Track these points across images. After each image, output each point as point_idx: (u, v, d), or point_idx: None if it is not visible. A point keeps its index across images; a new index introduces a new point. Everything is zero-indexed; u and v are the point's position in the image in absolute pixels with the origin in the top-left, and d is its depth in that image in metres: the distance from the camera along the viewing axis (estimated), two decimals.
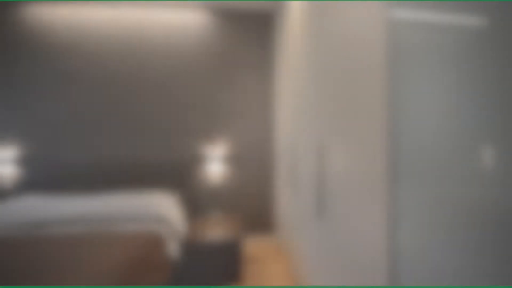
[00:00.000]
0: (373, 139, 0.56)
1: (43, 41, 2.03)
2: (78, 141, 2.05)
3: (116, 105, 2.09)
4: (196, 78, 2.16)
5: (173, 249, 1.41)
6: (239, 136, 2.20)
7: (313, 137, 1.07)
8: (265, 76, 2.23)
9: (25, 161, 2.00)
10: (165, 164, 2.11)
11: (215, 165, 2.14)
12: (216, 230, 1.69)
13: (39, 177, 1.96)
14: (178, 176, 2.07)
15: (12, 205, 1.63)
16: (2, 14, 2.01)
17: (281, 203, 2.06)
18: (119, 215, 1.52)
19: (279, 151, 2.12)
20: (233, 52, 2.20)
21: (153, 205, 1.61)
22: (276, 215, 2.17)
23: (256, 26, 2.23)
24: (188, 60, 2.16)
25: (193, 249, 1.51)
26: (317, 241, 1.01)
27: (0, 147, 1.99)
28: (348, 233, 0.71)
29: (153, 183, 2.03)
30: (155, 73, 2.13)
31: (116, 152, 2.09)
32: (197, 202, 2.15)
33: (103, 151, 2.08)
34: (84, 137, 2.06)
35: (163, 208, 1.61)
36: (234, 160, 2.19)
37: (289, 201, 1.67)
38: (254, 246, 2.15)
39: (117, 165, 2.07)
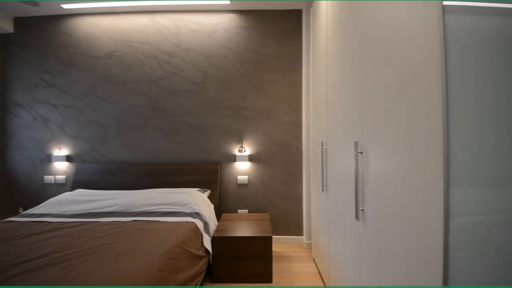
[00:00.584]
0: (426, 140, 0.55)
1: (91, 50, 2.31)
2: (123, 141, 2.29)
3: (155, 108, 2.28)
4: (227, 79, 2.26)
5: (206, 242, 1.50)
6: (267, 135, 2.24)
7: (349, 137, 1.06)
8: (296, 75, 2.25)
9: (80, 158, 2.30)
10: (197, 163, 2.25)
11: (244, 165, 2.23)
12: (246, 228, 1.75)
13: (90, 172, 2.22)
14: (209, 175, 2.18)
15: (70, 197, 1.88)
16: (55, 26, 2.33)
17: (311, 204, 2.05)
18: (160, 209, 1.68)
19: (309, 151, 2.12)
20: (263, 52, 2.25)
21: (189, 201, 1.74)
22: (306, 216, 2.16)
23: (287, 23, 2.24)
24: (220, 63, 2.27)
25: (225, 243, 1.57)
26: (355, 243, 1.00)
27: (58, 147, 2.31)
28: (394, 235, 0.70)
29: (186, 180, 2.16)
30: (190, 77, 2.28)
31: (155, 151, 2.28)
32: (226, 199, 2.25)
33: (144, 150, 2.28)
34: (127, 138, 2.29)
35: (197, 204, 1.73)
36: (263, 160, 2.24)
37: (320, 202, 1.66)
38: (282, 246, 2.17)
39: (155, 163, 2.26)
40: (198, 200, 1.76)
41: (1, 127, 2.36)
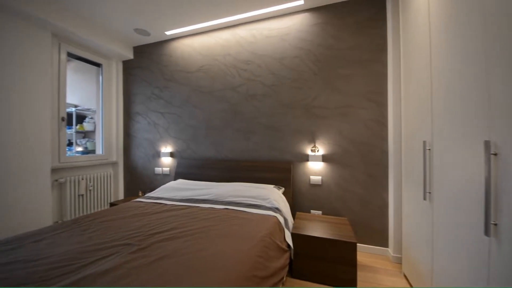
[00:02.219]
0: None
1: (187, 67, 2.78)
2: (210, 141, 2.67)
3: (235, 112, 2.54)
4: (299, 79, 2.27)
5: (288, 237, 1.55)
6: (343, 135, 2.11)
7: (473, 135, 0.87)
8: (379, 66, 2.02)
9: (179, 155, 2.82)
10: (270, 161, 2.36)
11: (317, 165, 2.18)
12: (325, 230, 1.71)
13: (186, 166, 2.68)
14: (282, 173, 2.24)
15: (175, 185, 2.33)
16: (160, 50, 2.92)
17: (403, 213, 1.80)
18: (244, 200, 1.86)
19: (400, 152, 1.86)
20: (339, 47, 2.14)
21: (268, 196, 1.84)
22: (394, 226, 1.91)
23: (368, 12, 2.05)
24: (292, 63, 2.30)
25: (305, 242, 1.59)
26: (481, 262, 0.82)
27: (164, 145, 2.90)
28: None
29: (262, 177, 2.29)
30: (264, 81, 2.42)
31: (235, 150, 2.54)
32: (298, 198, 2.26)
33: (226, 148, 2.58)
34: (213, 138, 2.64)
35: (276, 200, 1.82)
36: (338, 160, 2.13)
37: (419, 211, 1.44)
38: (362, 255, 1.99)
39: (235, 160, 2.52)
40: (276, 196, 1.85)
41: (126, 130, 3.18)
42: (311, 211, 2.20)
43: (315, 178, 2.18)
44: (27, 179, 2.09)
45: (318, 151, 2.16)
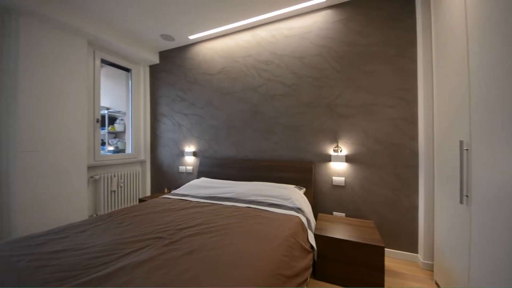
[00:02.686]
0: None
1: (209, 69, 2.87)
2: (230, 141, 2.72)
3: (255, 112, 2.57)
4: (321, 78, 2.23)
5: (311, 238, 1.54)
6: (368, 134, 2.03)
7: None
8: (407, 62, 1.92)
9: (202, 154, 2.92)
10: (291, 161, 2.34)
11: (340, 165, 2.12)
12: (349, 232, 1.67)
13: (208, 165, 2.77)
14: (303, 173, 2.21)
15: (198, 183, 2.42)
16: (184, 54, 3.03)
17: (435, 218, 1.70)
18: (266, 199, 1.87)
19: (431, 152, 1.75)
20: (363, 43, 2.07)
21: (290, 196, 1.84)
22: (424, 231, 1.80)
23: (394, 5, 1.95)
24: (313, 62, 2.27)
25: (329, 244, 1.56)
26: None
27: (188, 145, 3.01)
28: None
29: (282, 176, 2.29)
30: (284, 80, 2.41)
31: (254, 149, 2.57)
32: (320, 199, 2.22)
33: (246, 148, 2.62)
34: (234, 138, 2.70)
35: (298, 200, 1.81)
36: (363, 161, 2.05)
37: (455, 216, 1.34)
38: (389, 260, 1.91)
39: (255, 159, 2.54)
40: (298, 197, 1.84)
41: (153, 131, 3.36)
42: (334, 213, 2.15)
43: (338, 179, 2.13)
44: (67, 176, 2.30)
45: (341, 151, 2.10)
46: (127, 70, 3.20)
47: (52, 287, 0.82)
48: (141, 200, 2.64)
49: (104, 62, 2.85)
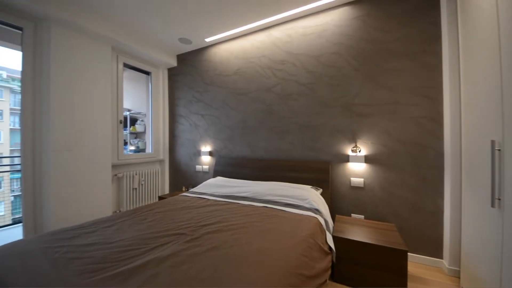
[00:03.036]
0: None
1: (224, 70, 2.92)
2: (245, 141, 2.75)
3: (270, 112, 2.57)
4: (338, 76, 2.18)
5: (329, 239, 1.51)
6: (389, 134, 1.96)
7: None
8: (431, 58, 1.82)
9: (217, 154, 2.98)
10: (307, 161, 2.32)
11: (358, 166, 2.07)
12: (369, 235, 1.62)
13: (224, 164, 2.82)
14: (319, 173, 2.18)
15: (214, 182, 2.47)
16: (200, 56, 3.10)
17: (463, 222, 1.61)
18: (282, 199, 1.87)
19: (459, 153, 1.66)
20: (383, 39, 2.00)
21: (307, 196, 1.83)
22: (451, 235, 1.71)
23: (415, 4, 1.87)
24: (330, 60, 2.23)
25: (348, 246, 1.53)
26: None
27: (204, 145, 3.09)
28: None
29: (297, 177, 2.27)
30: (299, 80, 2.39)
31: (269, 149, 2.58)
32: (337, 201, 2.17)
33: (261, 148, 2.64)
34: (249, 138, 2.72)
35: (315, 200, 1.79)
36: (383, 162, 1.99)
37: (485, 220, 1.26)
38: (412, 265, 1.83)
39: (270, 159, 2.55)
40: (315, 197, 1.82)
41: (171, 131, 3.48)
42: (352, 214, 2.10)
43: (357, 180, 2.07)
44: (94, 174, 2.45)
45: (359, 151, 2.05)
46: (147, 73, 3.35)
47: (89, 278, 0.88)
48: (160, 198, 2.75)
49: (126, 66, 3.00)
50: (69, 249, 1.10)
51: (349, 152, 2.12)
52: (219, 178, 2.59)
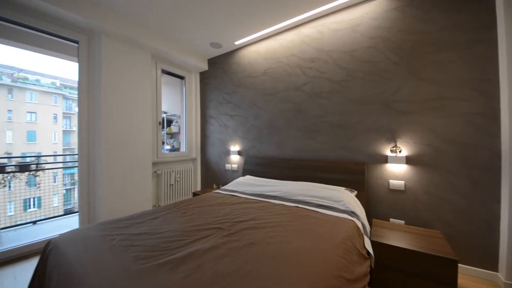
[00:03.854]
0: None
1: (253, 72, 2.96)
2: (273, 140, 2.77)
3: (299, 111, 2.55)
4: (375, 72, 2.07)
5: (367, 244, 1.45)
6: (435, 132, 1.80)
7: None
8: (483, 48, 1.63)
9: (246, 153, 3.04)
10: (339, 161, 2.24)
11: (398, 167, 1.93)
12: (411, 241, 1.52)
13: (252, 164, 2.87)
14: (353, 174, 2.09)
15: (244, 180, 2.53)
16: (230, 59, 3.18)
17: None
18: (314, 200, 1.84)
19: None
20: (425, 29, 1.84)
21: (342, 198, 1.77)
22: (508, 246, 1.51)
23: None
24: (365, 55, 2.12)
25: (388, 252, 1.45)
26: None
27: (233, 144, 3.17)
28: None
29: (328, 177, 2.21)
30: (331, 77, 2.32)
31: (298, 149, 2.55)
32: (374, 204, 2.06)
33: (289, 148, 2.63)
34: (276, 138, 2.73)
35: (350, 203, 1.73)
36: (428, 163, 1.83)
37: None
38: (462, 276, 1.66)
39: (298, 159, 2.52)
40: (350, 199, 1.76)
41: (203, 132, 3.65)
42: (391, 219, 1.97)
43: (397, 183, 1.94)
44: (137, 170, 2.70)
45: (400, 151, 1.91)
46: (181, 77, 3.56)
47: (143, 265, 0.98)
48: (194, 194, 2.91)
49: (163, 71, 3.23)
50: (123, 237, 1.24)
51: (387, 152, 2.00)
52: (248, 176, 2.65)
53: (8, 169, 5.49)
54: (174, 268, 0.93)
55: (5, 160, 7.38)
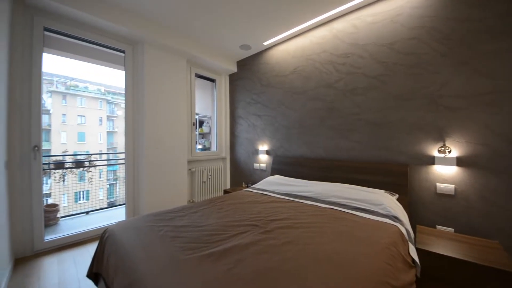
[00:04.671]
0: None
1: (281, 71, 2.95)
2: (302, 140, 2.72)
3: (331, 109, 2.46)
4: (418, 64, 1.90)
5: (412, 251, 1.35)
6: (491, 130, 1.58)
7: None
8: None
9: (274, 152, 3.05)
10: (377, 162, 2.11)
11: (447, 169, 1.75)
12: (464, 251, 1.37)
13: (281, 163, 2.86)
14: (393, 176, 1.95)
15: (274, 179, 2.53)
16: (258, 59, 3.21)
17: None
18: (350, 203, 1.77)
19: None
20: (478, 16, 1.62)
21: (382, 202, 1.67)
22: None
23: None
24: (407, 47, 1.96)
25: (437, 261, 1.33)
26: None
27: (261, 144, 3.20)
28: None
29: (364, 179, 2.09)
30: (366, 72, 2.20)
31: (329, 148, 2.47)
32: (417, 209, 1.90)
33: (319, 147, 2.56)
34: (306, 137, 2.68)
35: (391, 207, 1.62)
36: (483, 165, 1.62)
37: None
38: None
39: (330, 159, 2.44)
40: (391, 203, 1.65)
41: (232, 131, 3.76)
42: (437, 226, 1.80)
43: (445, 187, 1.76)
44: (175, 168, 2.90)
45: (449, 152, 1.73)
46: (212, 80, 3.72)
47: (189, 255, 1.06)
48: (225, 191, 3.02)
49: (196, 75, 3.41)
50: (169, 229, 1.34)
51: (434, 152, 1.82)
52: (278, 176, 2.65)
53: (67, 165, 6.39)
54: (216, 260, 0.99)
55: (62, 158, 8.53)
